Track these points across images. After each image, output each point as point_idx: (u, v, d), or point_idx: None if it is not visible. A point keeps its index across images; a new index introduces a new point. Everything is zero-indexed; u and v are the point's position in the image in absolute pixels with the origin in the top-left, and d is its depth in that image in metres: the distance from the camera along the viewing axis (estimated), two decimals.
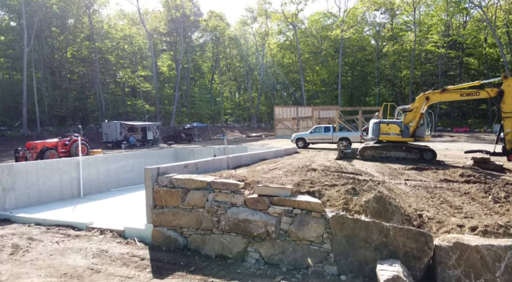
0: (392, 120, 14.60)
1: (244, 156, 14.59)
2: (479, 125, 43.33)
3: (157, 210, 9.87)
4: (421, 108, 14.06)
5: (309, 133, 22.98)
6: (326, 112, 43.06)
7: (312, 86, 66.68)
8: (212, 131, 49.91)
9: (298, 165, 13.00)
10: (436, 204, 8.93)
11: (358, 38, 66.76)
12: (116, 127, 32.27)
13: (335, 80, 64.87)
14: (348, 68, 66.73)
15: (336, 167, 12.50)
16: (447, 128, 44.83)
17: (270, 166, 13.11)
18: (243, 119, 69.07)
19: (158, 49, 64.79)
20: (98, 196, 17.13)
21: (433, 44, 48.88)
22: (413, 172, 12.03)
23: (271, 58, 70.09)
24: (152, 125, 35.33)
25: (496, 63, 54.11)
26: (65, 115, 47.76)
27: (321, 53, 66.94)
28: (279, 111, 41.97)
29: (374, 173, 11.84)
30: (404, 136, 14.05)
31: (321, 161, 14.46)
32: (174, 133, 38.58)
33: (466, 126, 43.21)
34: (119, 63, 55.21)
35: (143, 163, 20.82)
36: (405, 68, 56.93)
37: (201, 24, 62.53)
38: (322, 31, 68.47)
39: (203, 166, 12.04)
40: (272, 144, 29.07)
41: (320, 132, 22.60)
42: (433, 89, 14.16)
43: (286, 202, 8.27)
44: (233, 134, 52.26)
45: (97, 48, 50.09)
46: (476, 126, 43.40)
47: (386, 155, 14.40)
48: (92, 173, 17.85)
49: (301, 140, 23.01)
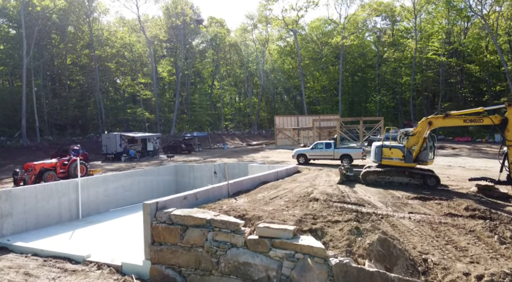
0: (394, 145, 14.40)
1: (245, 180, 14.42)
2: (480, 134, 43.16)
3: (155, 247, 9.69)
4: (423, 133, 13.89)
5: (310, 150, 22.78)
6: (326, 122, 42.91)
7: (313, 92, 66.56)
8: (212, 139, 49.76)
9: (300, 192, 12.81)
10: (441, 245, 8.74)
11: (359, 44, 66.63)
12: (115, 139, 32.12)
13: (335, 86, 64.69)
14: (348, 74, 66.59)
15: (339, 196, 12.31)
16: (448, 137, 44.60)
17: (271, 194, 12.92)
18: (243, 125, 68.91)
19: (158, 55, 64.80)
20: (97, 218, 16.96)
21: (434, 52, 48.75)
22: (417, 202, 11.84)
23: (271, 64, 70.01)
24: (152, 136, 35.19)
25: (497, 70, 53.97)
26: (65, 123, 47.61)
27: (321, 59, 66.79)
28: (280, 121, 41.79)
29: (377, 203, 11.65)
30: (407, 162, 13.86)
31: (323, 185, 14.27)
32: (174, 143, 38.39)
33: (468, 135, 43.01)
34: (119, 71, 55.16)
35: (142, 181, 20.70)
36: (405, 74, 56.80)
37: (201, 30, 62.52)
38: (322, 37, 68.39)
39: (203, 195, 11.87)
40: (273, 157, 28.90)
41: (322, 148, 22.41)
42: (435, 114, 13.98)
43: (287, 246, 8.08)
44: (233, 142, 52.08)
45: (97, 56, 50.02)
46: (477, 136, 43.20)
47: (389, 180, 14.21)
48: (91, 194, 17.68)
49: (302, 156, 22.81)
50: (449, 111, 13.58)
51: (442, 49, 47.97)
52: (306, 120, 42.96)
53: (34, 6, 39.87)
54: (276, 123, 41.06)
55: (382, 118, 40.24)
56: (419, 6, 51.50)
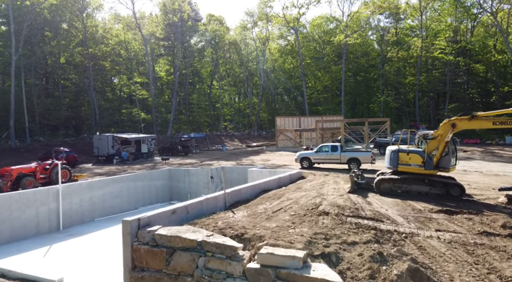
0: (413, 149, 12.88)
1: (243, 189, 12.90)
2: (490, 136, 41.69)
3: (136, 273, 8.16)
4: (446, 136, 12.40)
5: (315, 153, 21.27)
6: (329, 123, 41.42)
7: (314, 92, 65.07)
8: (210, 140, 48.25)
9: (306, 204, 11.30)
10: (482, 274, 7.22)
11: (362, 43, 65.22)
12: (107, 140, 30.57)
13: (337, 86, 63.22)
14: (351, 74, 65.08)
15: (352, 208, 10.80)
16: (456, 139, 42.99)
17: (274, 205, 11.41)
18: (243, 126, 67.40)
19: (156, 54, 63.36)
20: (80, 229, 15.43)
21: (441, 51, 47.29)
22: (442, 216, 10.33)
23: (271, 63, 68.54)
24: (147, 137, 33.62)
25: (504, 70, 52.53)
26: (58, 124, 46.05)
27: (323, 59, 65.33)
28: (281, 122, 40.28)
29: (396, 218, 10.14)
30: (427, 168, 12.35)
31: (332, 194, 12.76)
32: (170, 145, 36.84)
33: (477, 137, 41.49)
34: (114, 70, 53.64)
35: (132, 187, 19.17)
36: (410, 74, 55.33)
37: (200, 28, 61.05)
38: (324, 35, 66.95)
39: (195, 208, 10.35)
40: (274, 160, 27.39)
41: (327, 151, 20.90)
42: (460, 115, 12.49)
43: (296, 278, 6.56)
44: (232, 143, 50.57)
45: (91, 54, 48.53)
46: (486, 137, 41.71)
47: (406, 189, 12.70)
48: (74, 203, 16.15)
49: (306, 160, 21.30)
50: (476, 113, 12.10)
51: (449, 48, 46.48)
52: (309, 121, 41.45)
53: (23, 0, 38.33)
54: (276, 124, 39.56)
55: (388, 119, 38.78)
56: (425, 3, 50.04)
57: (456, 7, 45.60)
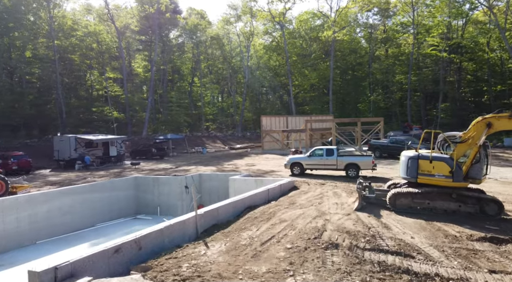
0: (438, 156, 10.41)
1: (222, 208, 10.11)
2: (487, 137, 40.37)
3: None
4: (479, 138, 9.99)
5: (307, 157, 18.66)
6: (319, 124, 39.06)
7: (301, 91, 62.78)
8: (190, 142, 45.11)
9: (306, 229, 8.63)
10: None
11: (350, 40, 63.53)
12: (69, 142, 27.10)
13: (325, 85, 61.20)
14: (339, 72, 63.19)
15: (367, 235, 8.19)
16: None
17: (263, 232, 8.68)
18: (226, 127, 64.42)
19: (133, 49, 59.68)
20: (14, 256, 12.28)
21: (434, 47, 45.75)
22: (488, 247, 7.86)
23: (256, 60, 65.88)
24: (116, 139, 30.24)
25: (496, 68, 51.62)
26: (19, 124, 41.90)
27: (310, 56, 63.21)
28: (267, 122, 37.59)
29: (429, 250, 7.58)
30: (457, 180, 9.91)
31: (335, 212, 10.15)
32: (144, 147, 33.56)
33: None
34: (84, 64, 49.74)
35: (88, 200, 16.08)
36: (401, 72, 53.76)
37: (179, 21, 57.74)
38: (311, 32, 64.84)
39: (152, 242, 7.48)
40: (260, 164, 24.67)
41: (321, 155, 18.33)
42: (497, 112, 10.13)
43: None
44: (214, 145, 47.56)
45: (58, 46, 44.59)
46: None
47: (428, 205, 10.22)
48: (8, 222, 13.00)
49: (297, 166, 18.68)
50: None
51: (443, 44, 44.94)
52: (297, 121, 38.95)
53: None
54: (262, 124, 36.83)
55: (382, 119, 36.78)
56: None
57: (450, 1, 44.10)
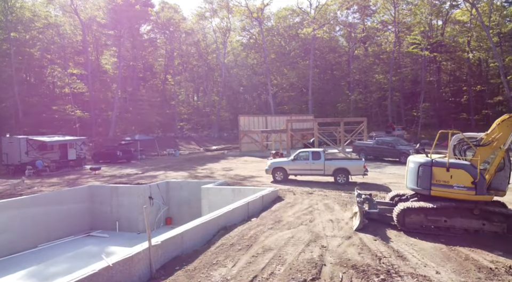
0: (457, 162, 8.60)
1: (189, 233, 7.85)
2: None
3: None
4: (505, 141, 8.24)
5: (291, 161, 16.66)
6: (299, 124, 37.32)
7: (280, 90, 60.98)
8: (162, 143, 42.28)
9: (298, 262, 6.53)
10: None
11: (329, 38, 62.56)
12: (19, 144, 23.90)
13: (305, 84, 59.78)
14: (319, 71, 61.95)
15: (380, 271, 6.19)
16: (432, 142, 40.83)
17: (241, 270, 6.49)
18: (202, 127, 61.75)
19: (101, 44, 55.91)
20: None
21: (416, 46, 45.10)
22: None
23: (234, 57, 63.61)
24: (75, 140, 27.17)
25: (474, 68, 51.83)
26: None
27: (289, 54, 61.67)
28: (245, 122, 35.41)
29: None
30: (480, 193, 8.12)
31: (332, 235, 8.13)
32: (107, 150, 30.56)
33: None
34: (45, 59, 45.77)
35: (30, 216, 13.37)
36: (381, 72, 53.03)
37: (151, 15, 54.56)
38: (290, 30, 63.29)
39: None
40: (238, 169, 22.47)
41: (307, 159, 16.37)
42: None
43: None
44: (188, 146, 44.86)
45: (14, 39, 40.61)
46: None
47: (445, 224, 8.39)
48: None
49: (280, 171, 16.64)
50: None
51: (424, 42, 44.30)
52: (276, 121, 37.01)
53: None
54: (240, 124, 34.60)
55: (365, 119, 35.43)
56: None
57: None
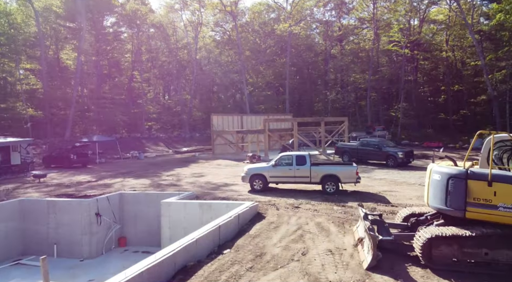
0: (503, 174, 6.54)
1: None
2: (452, 136, 39.54)
3: None
4: None
5: (272, 167, 14.27)
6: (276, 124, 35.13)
7: (256, 89, 58.64)
8: (127, 144, 38.81)
9: None
10: None
11: (306, 36, 61.04)
12: None
13: (281, 83, 57.85)
14: (296, 69, 60.17)
15: None
16: (413, 142, 39.95)
17: None
18: (172, 127, 58.37)
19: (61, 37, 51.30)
20: None
21: (396, 43, 44.13)
22: None
23: (206, 54, 60.65)
24: (19, 142, 23.57)
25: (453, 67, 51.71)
26: None
27: (265, 51, 59.54)
28: (218, 121, 32.74)
29: None
30: None
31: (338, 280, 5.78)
32: (59, 153, 26.97)
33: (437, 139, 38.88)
34: None
35: None
36: (360, 71, 51.94)
37: (115, 6, 50.67)
38: (265, 26, 61.17)
39: None
40: (210, 175, 19.85)
41: (290, 164, 14.03)
42: None
43: None
44: (156, 148, 41.54)
45: None
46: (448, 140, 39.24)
47: (486, 257, 6.27)
48: None
49: (259, 178, 14.21)
50: None
51: (404, 40, 43.41)
52: (253, 121, 34.61)
53: None
54: (212, 124, 31.88)
55: (346, 118, 33.73)
56: None
57: None
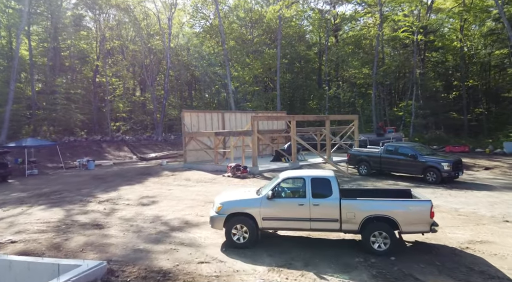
0: None
1: None
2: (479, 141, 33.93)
3: None
4: None
5: (267, 200, 7.69)
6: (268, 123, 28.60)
7: (242, 84, 51.95)
8: (81, 149, 31.81)
9: None
10: None
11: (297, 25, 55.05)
12: None
13: (271, 77, 51.48)
14: (287, 62, 53.71)
15: None
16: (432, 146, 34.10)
17: None
18: (144, 127, 51.29)
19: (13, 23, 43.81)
20: None
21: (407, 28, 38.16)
22: None
23: (184, 43, 53.89)
24: None
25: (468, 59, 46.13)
26: None
27: (252, 41, 53.13)
28: (193, 120, 25.84)
29: None
30: None
31: None
32: None
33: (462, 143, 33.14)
34: None
35: None
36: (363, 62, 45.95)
37: None
38: (252, 13, 54.73)
39: None
40: (167, 200, 13.11)
41: (300, 195, 7.52)
42: None
43: None
44: (118, 154, 34.35)
45: None
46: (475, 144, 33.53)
47: None
48: None
49: (243, 223, 7.60)
50: None
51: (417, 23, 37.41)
52: (238, 119, 27.85)
53: None
54: (184, 123, 25.00)
55: (356, 116, 27.49)
56: None
57: None
